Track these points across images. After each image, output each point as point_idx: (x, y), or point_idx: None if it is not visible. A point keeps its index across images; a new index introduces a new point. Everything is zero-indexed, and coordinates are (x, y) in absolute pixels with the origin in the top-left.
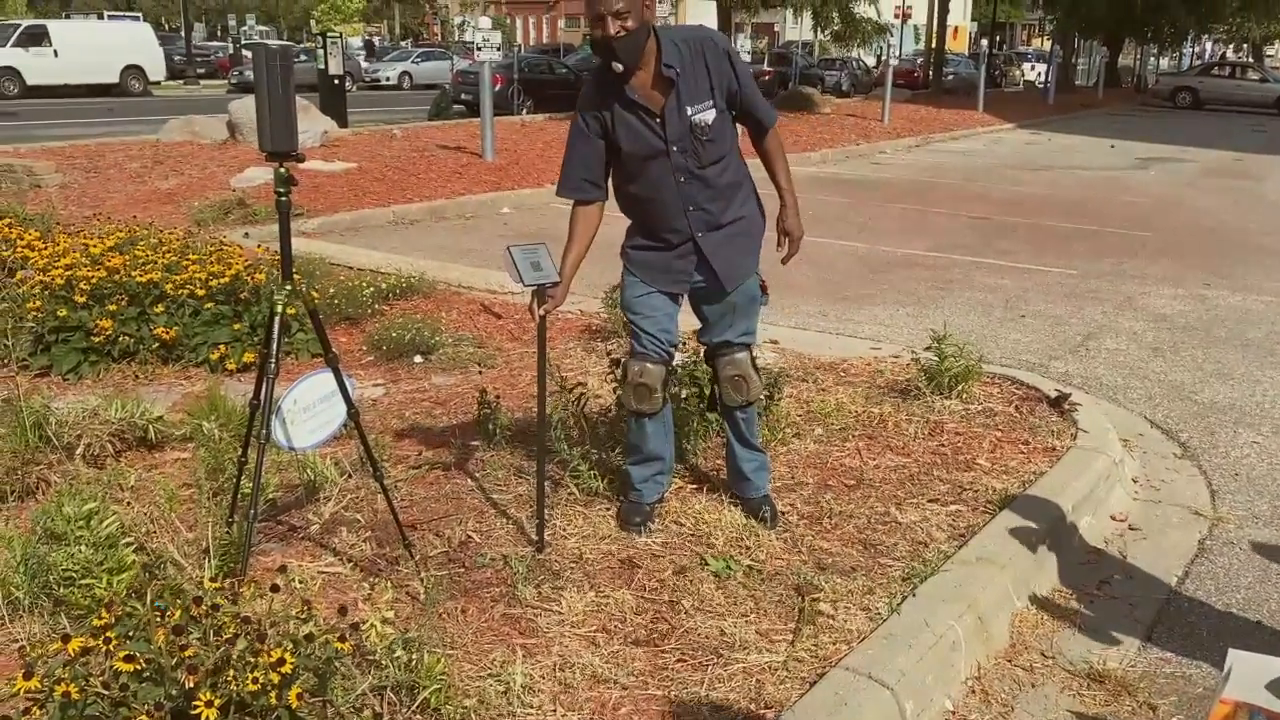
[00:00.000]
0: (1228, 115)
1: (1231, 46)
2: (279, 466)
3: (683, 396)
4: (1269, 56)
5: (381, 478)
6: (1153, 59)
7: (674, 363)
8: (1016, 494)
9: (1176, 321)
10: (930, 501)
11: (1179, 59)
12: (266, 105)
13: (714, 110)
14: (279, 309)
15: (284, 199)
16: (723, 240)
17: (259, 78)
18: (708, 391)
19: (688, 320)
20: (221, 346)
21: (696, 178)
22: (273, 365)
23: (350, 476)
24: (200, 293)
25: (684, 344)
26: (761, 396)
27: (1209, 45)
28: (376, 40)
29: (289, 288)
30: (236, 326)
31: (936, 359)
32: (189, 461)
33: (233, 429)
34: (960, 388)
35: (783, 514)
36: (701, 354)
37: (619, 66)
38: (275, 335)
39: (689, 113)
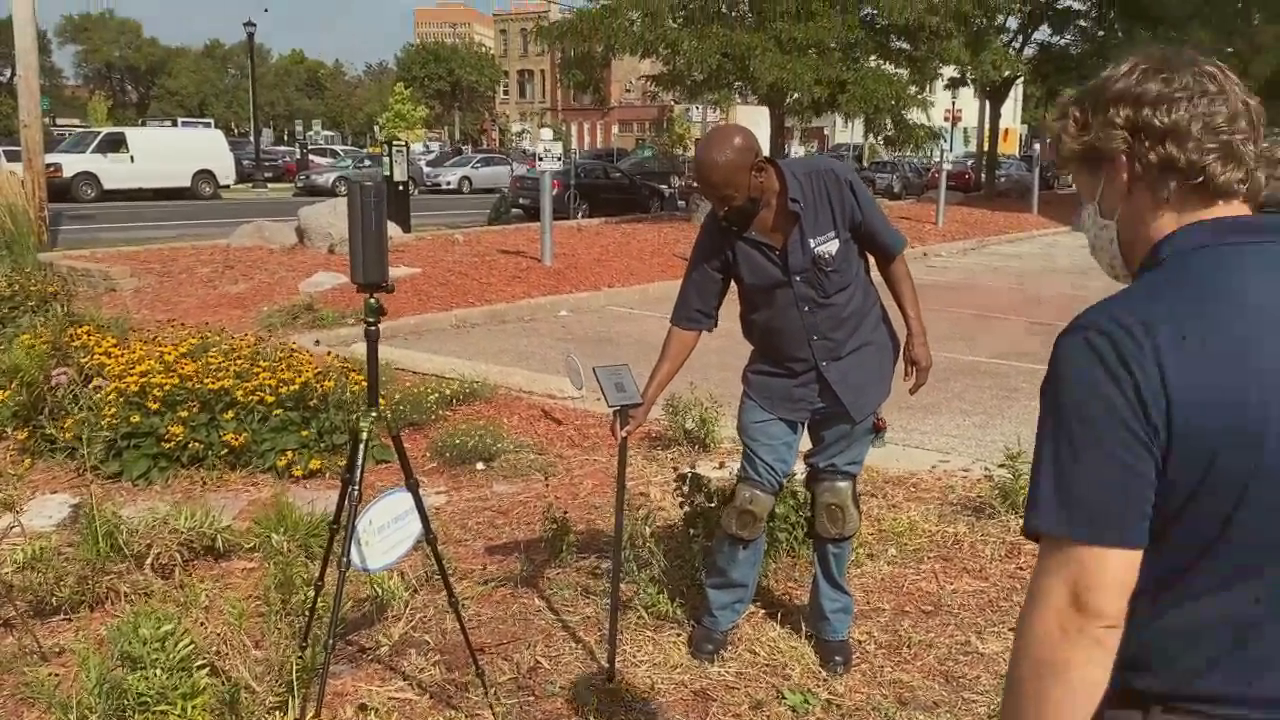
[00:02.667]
0: None
1: None
2: (347, 580)
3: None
4: None
5: (456, 604)
6: None
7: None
8: None
9: None
10: (1011, 630)
11: None
12: (360, 238)
13: (837, 241)
14: (364, 435)
15: (373, 328)
16: (847, 369)
17: (353, 212)
18: (807, 516)
19: None
20: (289, 453)
21: (821, 306)
22: (356, 491)
23: (418, 592)
24: (270, 399)
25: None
26: (856, 533)
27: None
28: (437, 146)
29: (374, 414)
30: (304, 433)
31: (1011, 476)
32: (256, 572)
33: (299, 540)
34: None
35: (860, 642)
36: (804, 477)
37: (734, 229)
38: (360, 461)
39: (812, 245)
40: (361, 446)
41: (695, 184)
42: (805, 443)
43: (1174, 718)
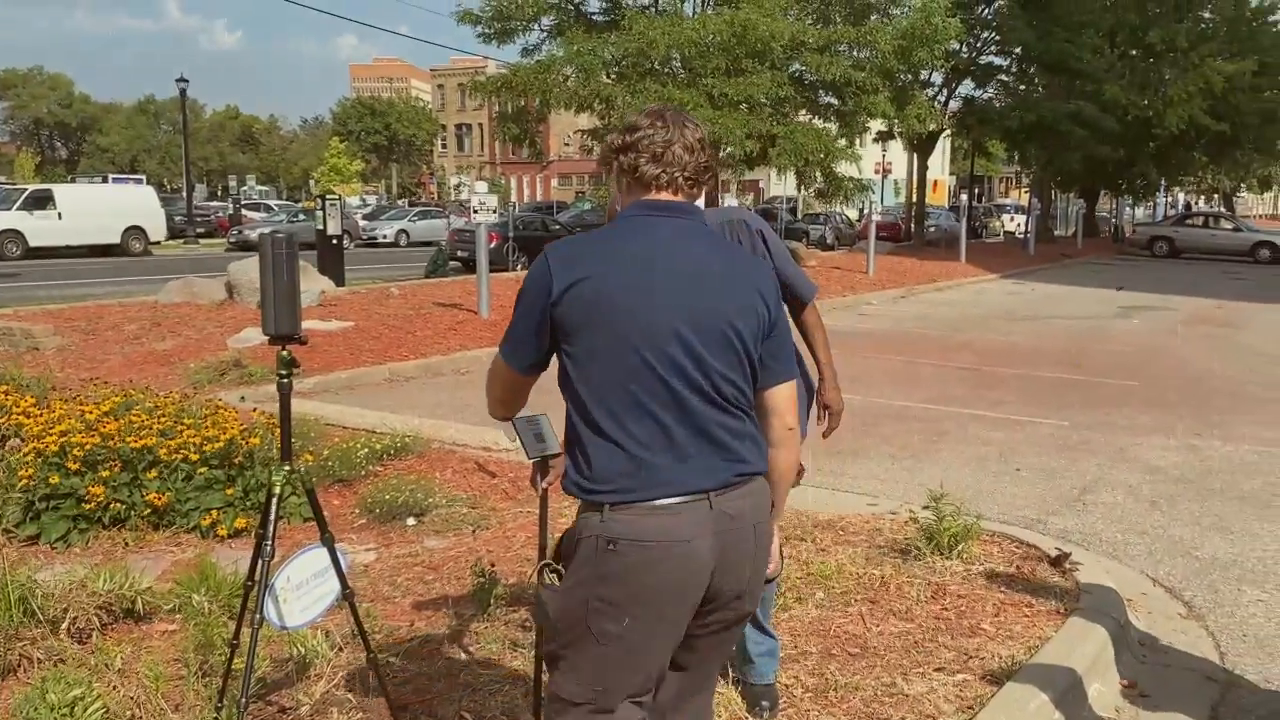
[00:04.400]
0: (1204, 263)
1: (1202, 197)
2: (268, 640)
3: None
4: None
5: (376, 662)
6: (1128, 209)
7: None
8: (1023, 661)
9: (1171, 473)
10: (936, 670)
11: (1154, 208)
12: (272, 291)
13: None
14: (276, 490)
15: (285, 381)
16: None
17: (264, 264)
18: None
19: None
20: (213, 512)
21: None
22: (269, 547)
23: (341, 651)
24: (194, 457)
25: None
26: (779, 577)
27: (1180, 196)
28: (374, 199)
29: (287, 469)
30: (229, 491)
31: (935, 518)
32: (177, 634)
33: (222, 600)
34: (960, 547)
35: (786, 686)
36: None
37: None
38: (272, 518)
39: None
40: (274, 502)
41: None
42: None
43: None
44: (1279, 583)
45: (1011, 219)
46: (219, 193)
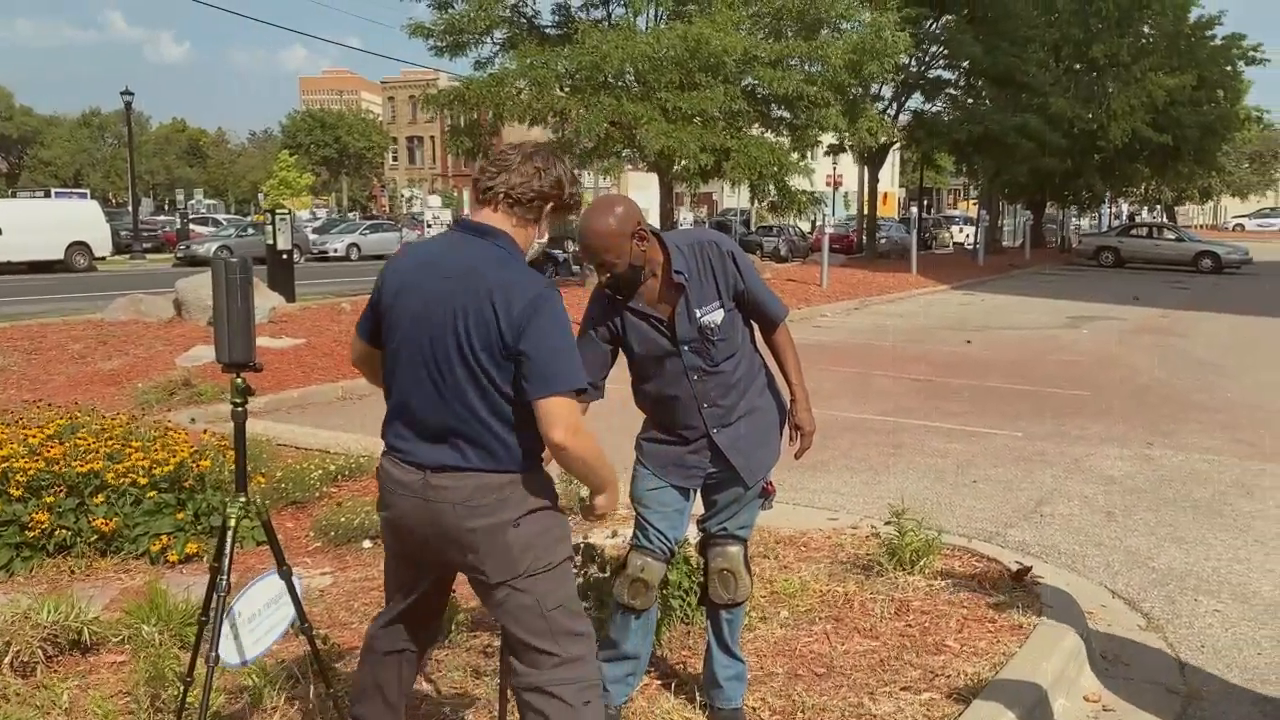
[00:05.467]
0: (1149, 273)
1: (1146, 208)
2: (221, 669)
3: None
4: (1181, 209)
5: (335, 694)
6: (1074, 219)
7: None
8: (989, 678)
9: (1125, 483)
10: (903, 690)
11: (1099, 219)
12: (225, 317)
13: (722, 311)
14: (232, 523)
15: (240, 409)
16: (737, 435)
17: (218, 289)
18: (700, 582)
19: None
20: (164, 537)
21: (710, 374)
22: (224, 581)
23: (298, 683)
24: (143, 481)
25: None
26: (748, 598)
27: (1124, 206)
28: (324, 213)
29: (243, 499)
30: (180, 516)
31: (897, 533)
32: (126, 666)
33: (174, 629)
34: (922, 562)
35: (754, 710)
36: (696, 542)
37: (619, 298)
38: (227, 551)
39: (698, 315)
40: (229, 535)
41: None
42: (697, 508)
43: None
44: (1233, 592)
45: (960, 230)
46: (166, 207)
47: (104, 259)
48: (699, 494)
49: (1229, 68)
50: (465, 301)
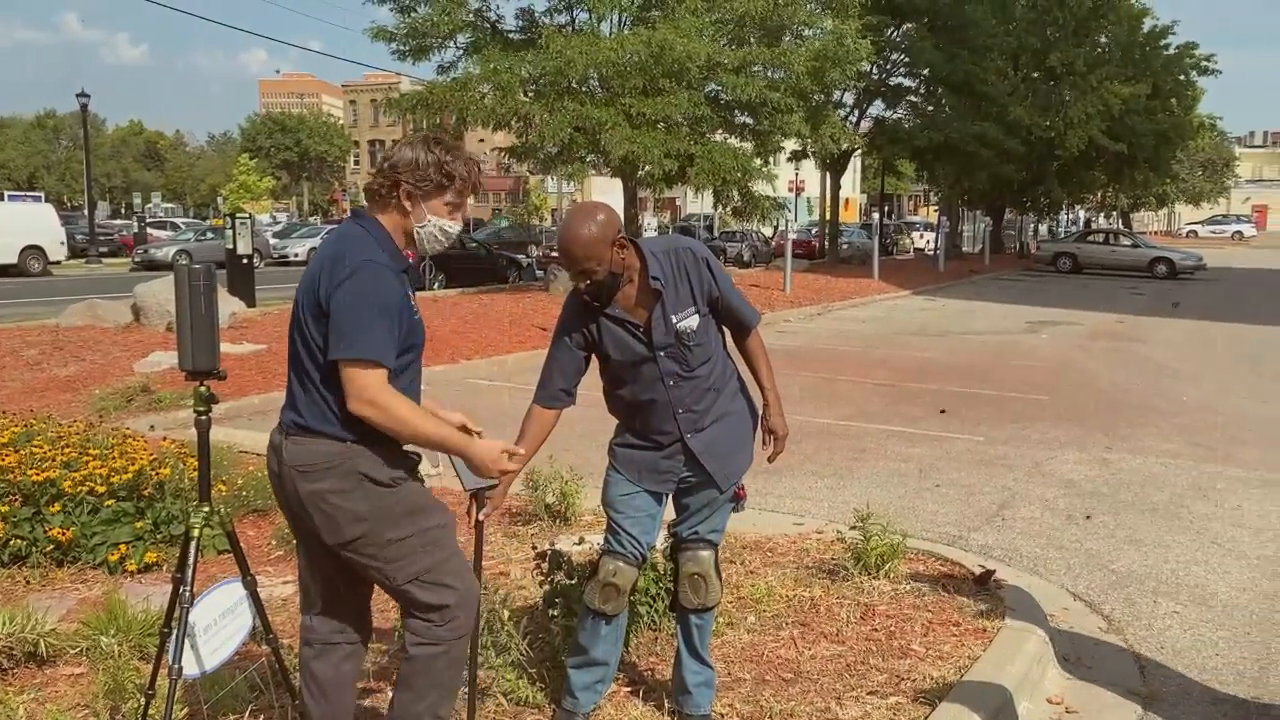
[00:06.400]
0: (1106, 278)
1: (1102, 215)
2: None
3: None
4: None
5: (301, 705)
6: (1033, 225)
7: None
8: (954, 682)
9: (1084, 487)
10: (870, 694)
11: (1057, 225)
12: (189, 324)
13: (697, 316)
14: (195, 533)
15: (204, 419)
16: (711, 439)
17: (181, 296)
18: (668, 588)
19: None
20: (122, 546)
21: (686, 380)
22: (188, 593)
23: (261, 694)
24: (101, 489)
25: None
26: (718, 604)
27: (1081, 213)
28: (284, 217)
29: (206, 510)
30: (139, 525)
31: (862, 538)
32: (85, 678)
33: (133, 640)
34: (887, 566)
35: (722, 716)
36: (667, 548)
37: (596, 304)
38: (190, 562)
39: (674, 320)
40: (192, 546)
41: (557, 257)
42: (669, 513)
43: None
44: (1191, 594)
45: (921, 236)
46: (123, 210)
47: (59, 264)
48: (670, 498)
49: (1182, 77)
50: (313, 271)
